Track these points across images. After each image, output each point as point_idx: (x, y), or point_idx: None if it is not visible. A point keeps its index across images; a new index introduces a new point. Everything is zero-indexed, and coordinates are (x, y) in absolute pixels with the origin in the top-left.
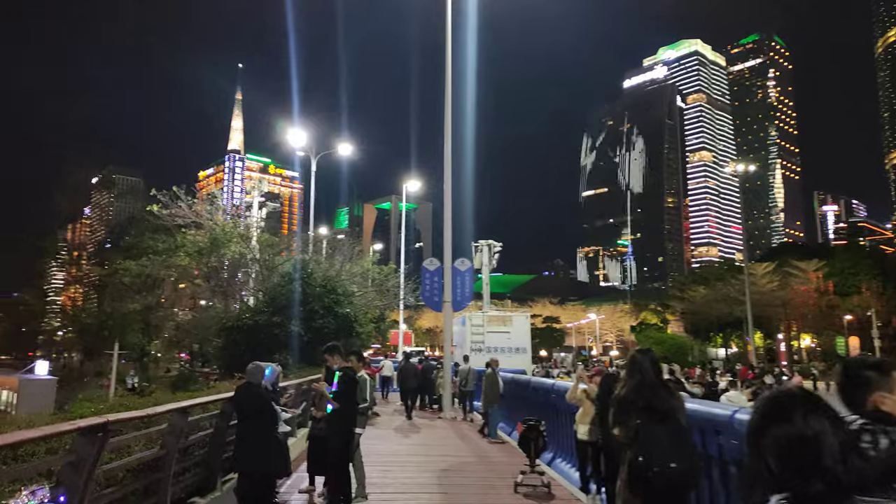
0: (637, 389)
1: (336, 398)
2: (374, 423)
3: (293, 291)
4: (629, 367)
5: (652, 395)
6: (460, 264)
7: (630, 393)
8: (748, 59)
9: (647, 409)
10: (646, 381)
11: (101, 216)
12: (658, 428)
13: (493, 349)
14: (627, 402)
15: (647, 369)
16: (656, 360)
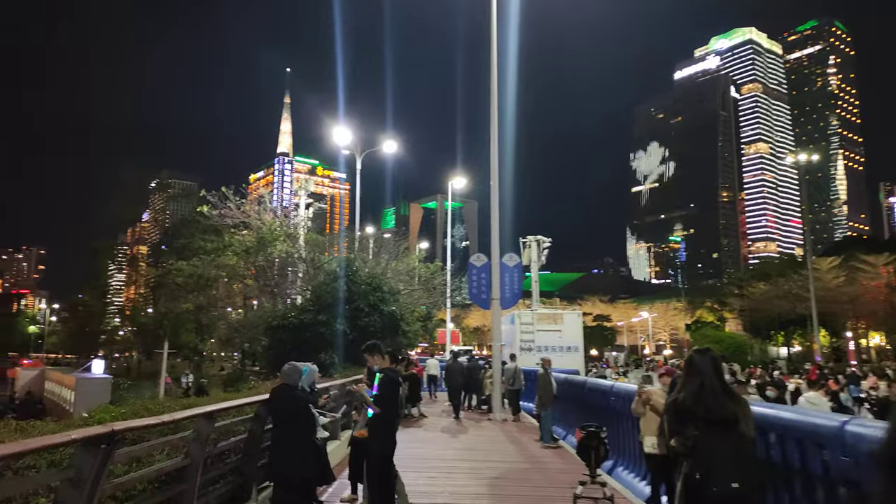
0: (696, 395)
1: (377, 402)
2: (421, 425)
3: (338, 289)
4: (686, 369)
5: (713, 401)
6: (508, 260)
7: (688, 399)
8: (806, 47)
9: (707, 417)
10: (706, 386)
11: (156, 219)
12: (719, 440)
13: (544, 348)
14: (684, 410)
15: (707, 372)
16: (718, 361)
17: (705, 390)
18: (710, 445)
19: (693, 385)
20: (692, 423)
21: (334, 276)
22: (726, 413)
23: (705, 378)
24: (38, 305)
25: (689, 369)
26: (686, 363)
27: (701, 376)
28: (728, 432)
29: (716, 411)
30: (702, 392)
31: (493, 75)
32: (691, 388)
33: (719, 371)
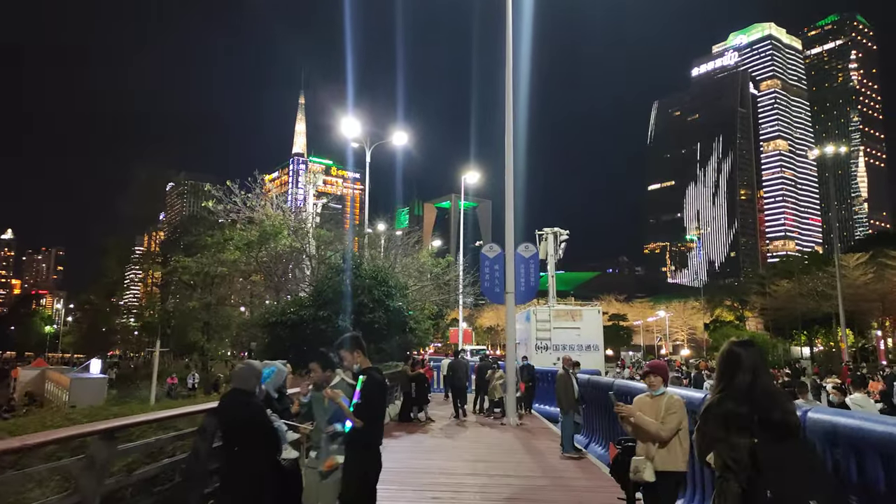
0: (748, 395)
1: (359, 412)
2: (427, 431)
3: (340, 283)
4: (725, 365)
5: (770, 402)
6: (524, 250)
7: (738, 401)
8: (827, 42)
9: (766, 422)
10: (760, 385)
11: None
12: (784, 450)
13: (561, 347)
14: (733, 414)
15: (758, 369)
16: (763, 355)
17: (758, 390)
18: (775, 456)
19: (742, 384)
20: (744, 431)
21: (337, 269)
22: (789, 417)
23: (758, 375)
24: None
25: (732, 365)
26: (725, 358)
27: (752, 373)
28: (791, 441)
29: (776, 414)
30: (754, 392)
31: (508, 71)
32: (740, 388)
33: (768, 368)
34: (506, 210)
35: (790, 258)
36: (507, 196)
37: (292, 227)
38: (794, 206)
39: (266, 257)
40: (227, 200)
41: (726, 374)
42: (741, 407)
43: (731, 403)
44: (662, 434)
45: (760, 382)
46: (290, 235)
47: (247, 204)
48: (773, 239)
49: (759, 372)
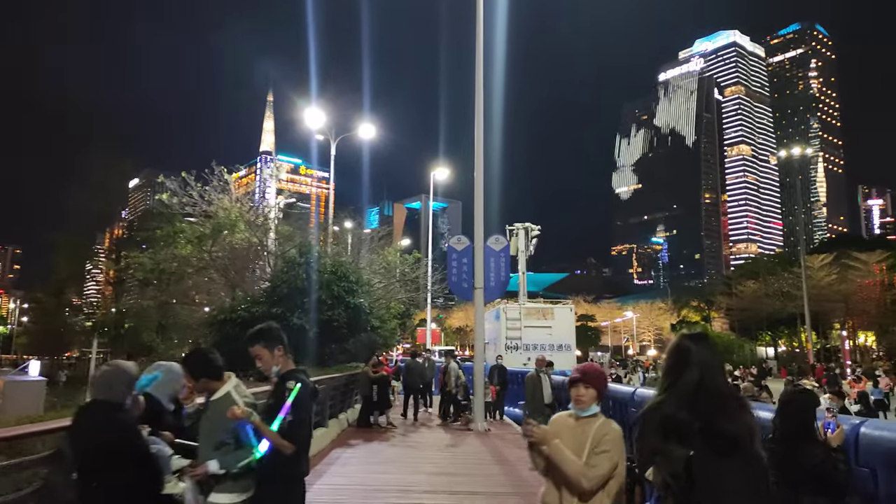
0: (691, 399)
1: (290, 433)
2: (387, 438)
3: (297, 278)
4: (672, 362)
5: (718, 409)
6: (495, 243)
7: (679, 405)
8: (789, 50)
9: (707, 431)
10: (707, 387)
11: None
12: (725, 465)
13: (532, 346)
14: (673, 422)
15: (708, 367)
16: (716, 351)
17: (704, 393)
18: (714, 472)
19: (687, 384)
20: (685, 441)
21: (293, 263)
22: (737, 427)
23: (706, 375)
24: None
25: (679, 362)
26: (672, 354)
27: (699, 372)
28: (737, 457)
29: (722, 424)
30: (700, 395)
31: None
32: (685, 389)
33: (722, 366)
34: (475, 199)
35: (756, 259)
36: (477, 184)
37: (250, 221)
38: (756, 209)
39: (220, 252)
40: (182, 193)
41: (672, 373)
42: (682, 412)
43: (670, 407)
44: (584, 483)
45: (708, 384)
46: (247, 229)
47: (204, 197)
48: (736, 241)
49: (708, 371)
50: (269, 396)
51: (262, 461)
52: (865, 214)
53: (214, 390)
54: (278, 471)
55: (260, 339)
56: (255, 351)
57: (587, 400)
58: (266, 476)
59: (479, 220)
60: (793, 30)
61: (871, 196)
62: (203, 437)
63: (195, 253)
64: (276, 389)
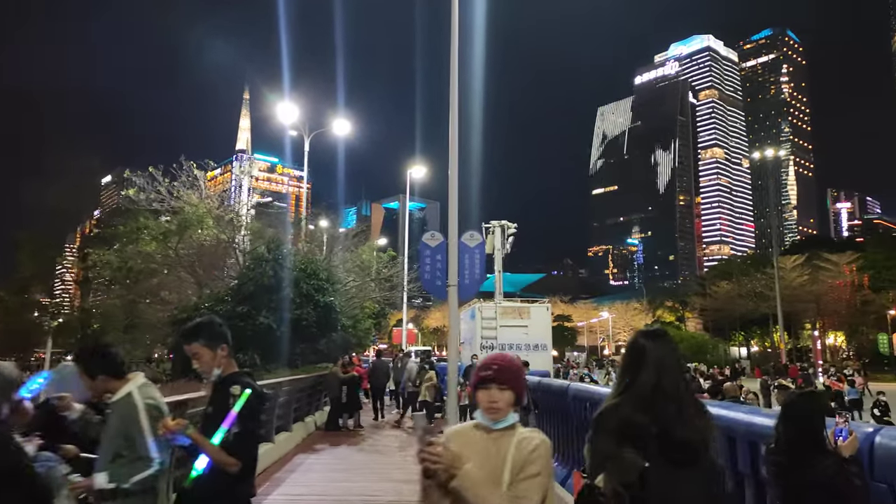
0: (648, 402)
1: (237, 448)
2: (355, 442)
3: (264, 275)
4: (629, 361)
5: (674, 414)
6: (469, 239)
7: (635, 407)
8: (761, 55)
9: (664, 438)
10: (664, 390)
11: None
12: (681, 476)
13: (508, 346)
14: (628, 426)
15: (667, 368)
16: (675, 349)
17: (662, 395)
18: (671, 482)
19: (644, 386)
20: (640, 447)
21: (260, 259)
22: (693, 433)
23: (664, 376)
24: None
25: (635, 362)
26: (629, 353)
27: (656, 373)
28: (693, 464)
29: (679, 432)
30: (657, 397)
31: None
32: (642, 391)
33: (681, 366)
34: (449, 194)
35: (730, 260)
36: (451, 178)
37: (219, 217)
38: (729, 211)
39: (185, 249)
40: (150, 189)
41: (628, 373)
42: (638, 415)
43: (627, 410)
44: None
45: (665, 386)
46: (215, 225)
47: (172, 193)
48: (709, 243)
49: (665, 371)
50: (208, 404)
51: (200, 481)
52: (834, 217)
53: (115, 391)
54: (220, 492)
55: (199, 335)
56: (193, 349)
57: (503, 406)
58: (205, 499)
59: (453, 215)
60: (765, 35)
61: (840, 199)
62: (102, 446)
63: (160, 250)
64: (215, 396)
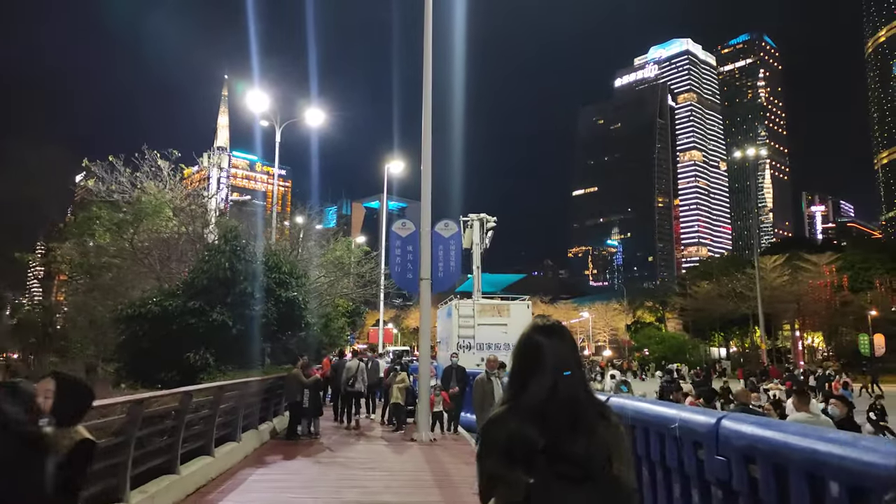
0: (539, 412)
1: None
2: (310, 453)
3: (219, 267)
4: (520, 362)
5: (570, 424)
6: (444, 228)
7: (525, 417)
8: (738, 60)
9: (552, 453)
10: (562, 395)
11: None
12: (573, 496)
13: (486, 346)
14: (518, 440)
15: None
16: (575, 346)
17: (558, 402)
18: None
19: (537, 392)
20: (528, 463)
21: (215, 250)
22: (592, 447)
23: (561, 380)
24: None
25: (528, 362)
26: (522, 352)
27: (552, 375)
28: (588, 481)
29: (570, 442)
30: (550, 406)
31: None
32: (533, 398)
33: (582, 366)
34: (422, 177)
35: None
36: (424, 156)
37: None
38: (707, 214)
39: (142, 241)
40: (109, 179)
41: (520, 377)
42: (527, 427)
43: (514, 421)
44: None
45: (562, 390)
46: (176, 216)
47: (135, 185)
48: (687, 245)
49: (568, 371)
50: None
51: None
52: (809, 220)
53: None
54: None
55: None
56: None
57: None
58: None
59: (426, 201)
60: (742, 40)
61: (815, 203)
62: None
63: (114, 242)
64: None
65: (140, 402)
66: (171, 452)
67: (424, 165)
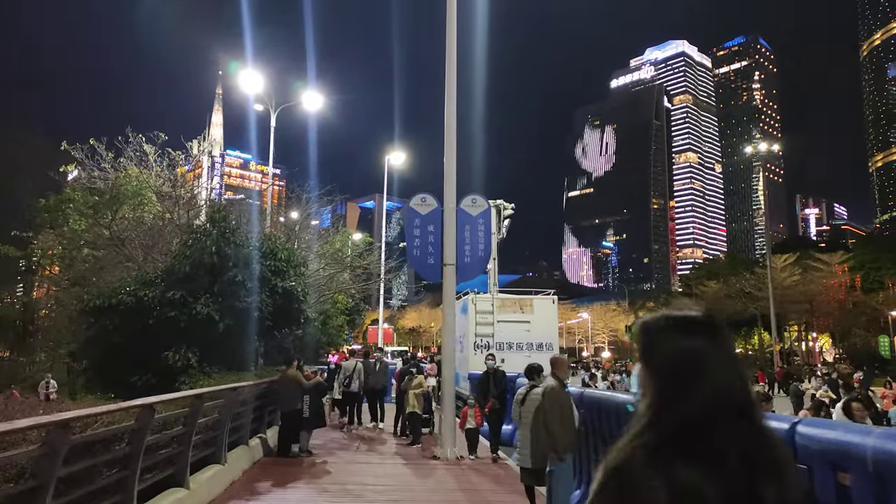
0: (723, 452)
1: None
2: (315, 478)
3: (204, 252)
4: (665, 374)
5: (753, 463)
6: (471, 206)
7: (685, 459)
8: (734, 62)
9: None
10: (738, 424)
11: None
12: None
13: (507, 345)
14: (686, 495)
15: (730, 378)
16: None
17: (727, 437)
18: None
19: (695, 420)
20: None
21: (201, 233)
22: (785, 494)
23: (728, 400)
24: None
25: (677, 377)
26: (663, 360)
27: (716, 396)
28: None
29: (761, 494)
30: (726, 439)
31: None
32: (690, 431)
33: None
34: (446, 143)
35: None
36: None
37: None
38: (702, 215)
39: (121, 228)
40: (90, 165)
41: (662, 396)
42: (711, 482)
43: (683, 467)
44: None
45: (731, 419)
46: (159, 202)
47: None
48: (682, 247)
49: (730, 392)
50: None
51: None
52: (803, 223)
53: None
54: None
55: None
56: None
57: None
58: None
59: (450, 174)
60: (738, 42)
61: (809, 205)
62: None
63: (90, 228)
64: None
65: (63, 424)
66: (123, 492)
67: (448, 122)
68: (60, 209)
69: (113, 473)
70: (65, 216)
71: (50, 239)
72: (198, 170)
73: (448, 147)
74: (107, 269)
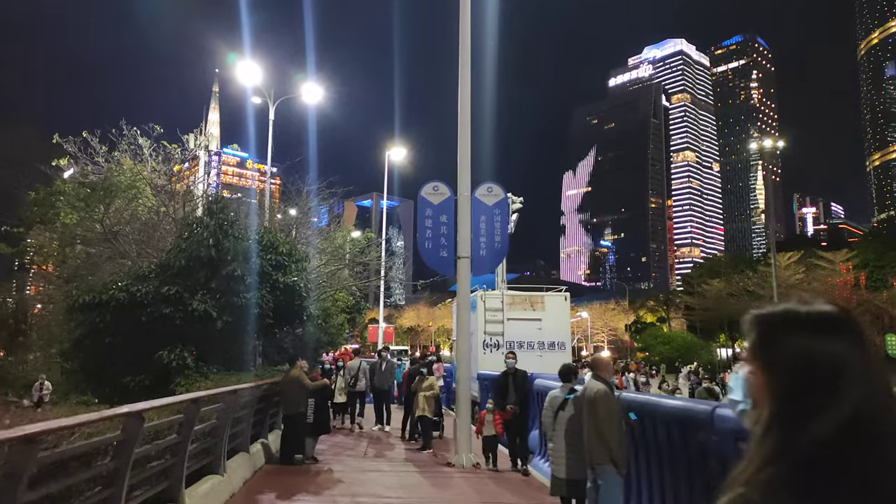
0: (875, 478)
1: None
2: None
3: (200, 245)
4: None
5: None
6: (486, 194)
7: (847, 492)
8: (732, 61)
9: None
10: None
11: None
12: None
13: (517, 344)
14: None
15: (868, 383)
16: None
17: (882, 465)
18: None
19: (832, 433)
20: None
21: (196, 224)
22: None
23: (881, 420)
24: None
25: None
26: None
27: (866, 414)
28: None
29: None
30: (873, 472)
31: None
32: (838, 462)
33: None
34: (460, 126)
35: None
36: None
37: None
38: (700, 214)
39: (114, 222)
40: (83, 158)
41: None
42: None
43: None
44: None
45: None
46: (155, 195)
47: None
48: (680, 246)
49: (886, 414)
50: None
51: None
52: (800, 221)
53: None
54: None
55: None
56: None
57: None
58: None
59: (464, 161)
60: (736, 41)
61: (806, 204)
62: None
63: (82, 222)
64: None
65: (27, 440)
66: None
67: (462, 104)
68: (51, 202)
69: (95, 493)
70: (55, 210)
71: (42, 235)
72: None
73: (462, 130)
74: (100, 265)
